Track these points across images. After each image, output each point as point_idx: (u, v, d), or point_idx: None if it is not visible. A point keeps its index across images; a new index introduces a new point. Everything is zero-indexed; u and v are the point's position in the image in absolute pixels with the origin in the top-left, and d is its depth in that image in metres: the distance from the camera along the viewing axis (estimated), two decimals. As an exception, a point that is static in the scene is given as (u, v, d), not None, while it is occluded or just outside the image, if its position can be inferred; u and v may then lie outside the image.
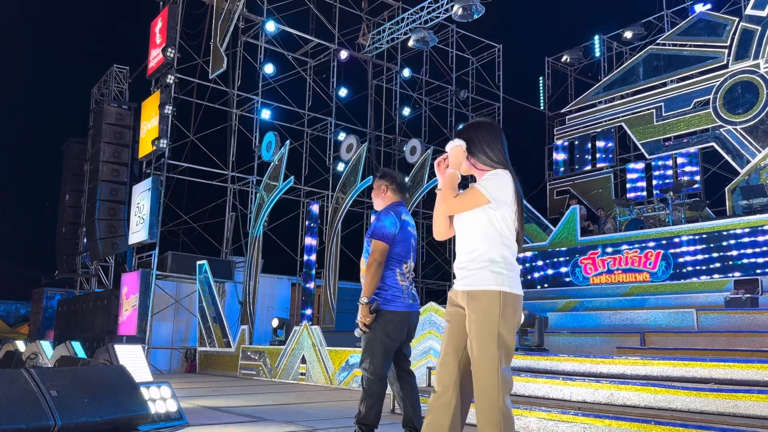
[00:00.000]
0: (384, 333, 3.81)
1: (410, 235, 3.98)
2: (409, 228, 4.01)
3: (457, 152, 2.71)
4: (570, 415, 4.42)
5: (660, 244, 10.09)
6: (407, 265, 3.94)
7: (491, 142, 2.75)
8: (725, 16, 14.10)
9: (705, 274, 9.49)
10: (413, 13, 15.63)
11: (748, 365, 4.69)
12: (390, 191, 4.08)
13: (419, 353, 7.82)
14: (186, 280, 13.30)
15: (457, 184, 2.69)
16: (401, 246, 3.91)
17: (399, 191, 4.09)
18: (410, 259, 3.98)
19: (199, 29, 14.12)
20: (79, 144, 17.41)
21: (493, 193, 2.63)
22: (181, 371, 12.76)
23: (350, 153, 14.42)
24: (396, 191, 4.08)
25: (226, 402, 6.77)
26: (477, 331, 2.59)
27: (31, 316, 20.58)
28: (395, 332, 3.83)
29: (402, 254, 3.92)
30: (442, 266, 18.34)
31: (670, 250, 9.96)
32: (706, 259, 9.53)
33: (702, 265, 9.57)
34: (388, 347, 3.83)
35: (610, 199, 15.45)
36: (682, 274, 9.73)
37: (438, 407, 2.69)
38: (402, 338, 3.89)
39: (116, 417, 4.10)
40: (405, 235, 3.93)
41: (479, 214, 2.67)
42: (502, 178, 2.66)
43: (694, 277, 9.59)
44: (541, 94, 19.30)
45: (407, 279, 3.93)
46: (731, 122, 13.36)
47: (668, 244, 10.00)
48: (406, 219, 3.99)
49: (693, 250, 9.69)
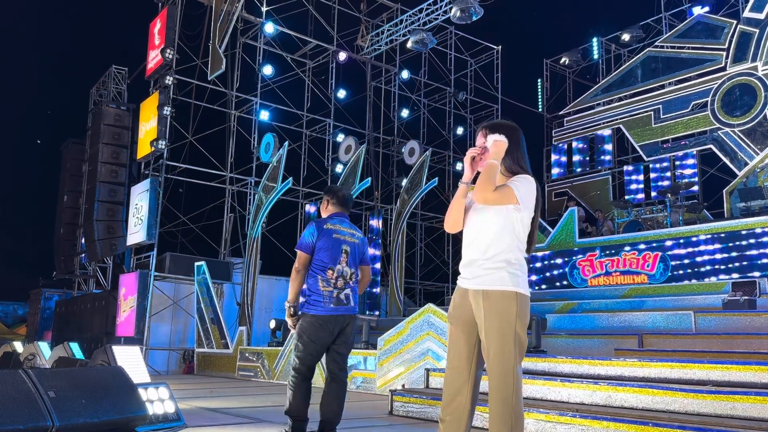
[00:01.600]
0: (304, 334, 4.12)
1: (339, 242, 4.23)
2: (338, 236, 4.25)
3: (501, 147, 2.71)
4: (568, 417, 4.43)
5: (658, 246, 10.10)
6: (332, 271, 4.18)
7: (520, 147, 2.80)
8: (723, 18, 14.13)
9: (703, 277, 9.50)
10: (412, 15, 15.65)
11: (745, 367, 4.70)
12: (330, 205, 4.43)
13: (417, 355, 7.83)
14: (184, 281, 13.29)
15: (496, 176, 2.68)
16: (324, 254, 4.17)
17: (339, 205, 4.41)
18: (339, 264, 4.21)
19: (197, 30, 14.13)
20: (77, 145, 17.40)
21: (522, 196, 2.67)
22: (179, 372, 12.74)
23: (349, 154, 14.43)
24: (336, 205, 4.41)
25: (223, 403, 6.76)
26: (495, 331, 2.61)
27: (29, 317, 20.55)
28: (314, 334, 4.10)
29: (326, 261, 4.18)
30: (440, 268, 18.34)
31: (668, 252, 9.97)
32: (704, 261, 9.54)
33: (700, 267, 9.59)
34: (308, 347, 4.11)
35: (608, 201, 15.46)
36: (680, 276, 9.74)
37: (452, 413, 2.69)
38: (327, 339, 4.15)
39: (114, 418, 4.10)
40: (329, 243, 4.19)
41: (501, 214, 2.69)
42: (531, 184, 2.72)
43: (692, 280, 9.60)
44: (540, 96, 19.33)
45: (332, 284, 4.17)
46: (729, 124, 13.38)
47: (666, 246, 10.02)
48: (333, 228, 4.26)
49: (691, 252, 9.71)
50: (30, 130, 26.90)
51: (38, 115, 26.82)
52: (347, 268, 4.24)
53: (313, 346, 4.12)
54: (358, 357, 8.72)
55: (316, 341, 4.12)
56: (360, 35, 16.88)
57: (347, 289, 4.23)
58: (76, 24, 26.30)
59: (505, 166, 2.78)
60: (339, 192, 4.46)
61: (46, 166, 23.33)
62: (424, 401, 5.58)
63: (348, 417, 5.81)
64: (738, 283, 8.43)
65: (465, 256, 2.79)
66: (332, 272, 4.19)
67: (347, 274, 4.24)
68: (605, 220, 13.25)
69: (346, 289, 4.22)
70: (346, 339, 4.23)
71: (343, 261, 4.23)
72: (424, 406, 5.57)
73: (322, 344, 4.15)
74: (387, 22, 16.63)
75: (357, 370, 8.67)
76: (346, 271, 4.24)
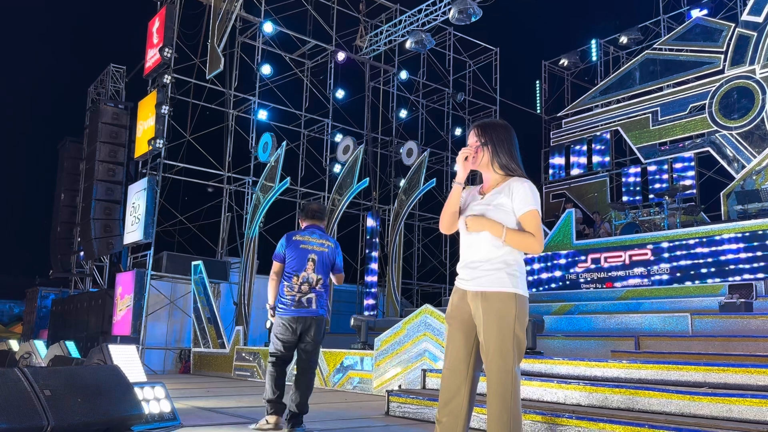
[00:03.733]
0: (274, 332, 4.82)
1: (305, 252, 4.82)
2: (305, 246, 4.84)
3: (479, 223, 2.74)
4: (564, 419, 4.43)
5: (655, 249, 10.12)
6: (297, 278, 4.76)
7: (512, 147, 2.80)
8: (721, 21, 14.16)
9: (700, 279, 9.52)
10: (411, 16, 15.65)
11: (742, 369, 4.71)
12: (302, 220, 5.10)
13: (414, 355, 7.83)
14: (181, 280, 13.27)
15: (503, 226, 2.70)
16: (292, 262, 4.79)
17: (309, 218, 5.04)
18: (305, 271, 4.78)
19: (196, 29, 14.11)
20: (74, 143, 17.37)
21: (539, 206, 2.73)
22: (175, 372, 12.72)
23: (347, 155, 14.42)
24: (306, 219, 5.06)
25: (220, 403, 6.75)
26: (494, 332, 2.61)
27: (25, 315, 20.50)
28: (281, 332, 4.76)
29: (294, 268, 4.78)
30: (438, 269, 18.34)
31: (665, 254, 9.99)
32: (701, 263, 9.56)
33: (697, 270, 9.60)
34: (275, 343, 4.80)
35: (605, 203, 15.48)
36: (677, 279, 9.76)
37: (449, 414, 2.69)
38: (291, 338, 4.76)
39: (110, 417, 4.08)
40: (296, 253, 4.80)
41: (504, 218, 2.69)
42: (535, 190, 2.74)
43: (689, 282, 9.61)
44: (538, 98, 19.34)
45: (296, 290, 4.75)
46: (727, 127, 13.41)
47: (663, 248, 10.03)
48: (301, 239, 4.86)
49: (688, 254, 9.72)
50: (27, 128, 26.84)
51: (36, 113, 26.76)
52: (313, 275, 4.79)
53: (280, 342, 4.77)
54: (354, 357, 8.71)
55: (281, 339, 4.77)
56: (359, 35, 16.87)
57: (311, 293, 4.77)
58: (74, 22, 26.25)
59: (500, 164, 2.78)
60: (309, 207, 5.11)
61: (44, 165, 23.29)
62: (421, 402, 5.58)
63: (344, 417, 5.81)
64: (735, 286, 8.45)
65: (463, 258, 2.79)
66: (297, 279, 4.76)
67: (313, 280, 4.79)
68: (602, 222, 13.27)
69: (310, 293, 4.77)
70: (311, 338, 4.78)
71: (309, 268, 4.79)
72: (420, 406, 5.57)
73: (287, 341, 4.76)
74: (386, 23, 16.63)
75: (354, 371, 8.67)
76: (312, 277, 4.78)
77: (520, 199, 2.68)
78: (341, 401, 7.24)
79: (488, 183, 2.81)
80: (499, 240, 2.66)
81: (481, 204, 2.75)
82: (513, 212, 2.69)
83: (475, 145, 2.78)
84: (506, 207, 2.69)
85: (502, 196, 2.71)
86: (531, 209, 2.67)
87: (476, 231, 2.71)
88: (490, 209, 2.71)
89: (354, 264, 16.38)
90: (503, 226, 2.66)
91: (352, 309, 15.32)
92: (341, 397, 7.68)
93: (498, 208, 2.69)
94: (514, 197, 2.69)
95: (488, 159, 2.78)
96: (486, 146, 2.78)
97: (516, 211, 2.68)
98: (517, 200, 2.68)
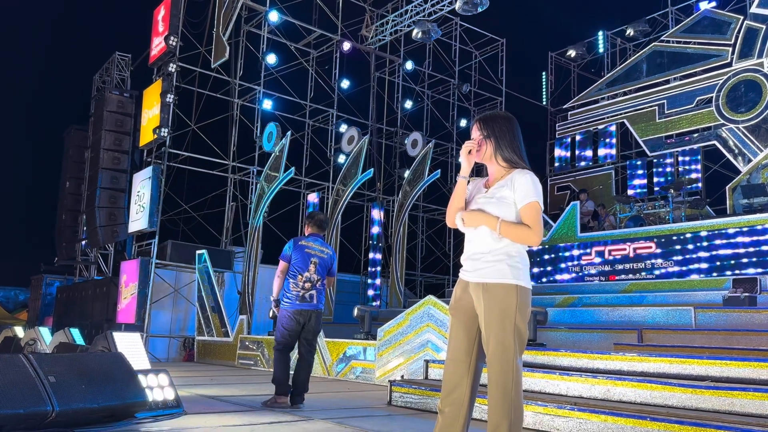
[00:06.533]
0: (279, 322, 5.59)
1: (309, 255, 5.62)
2: (309, 250, 5.63)
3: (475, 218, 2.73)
4: (566, 410, 4.44)
5: (660, 242, 10.09)
6: (302, 277, 5.55)
7: (515, 139, 2.80)
8: (730, 14, 14.05)
9: (704, 273, 9.50)
10: (417, 6, 15.57)
11: (745, 363, 4.71)
12: (309, 227, 5.86)
13: (417, 346, 7.85)
14: (185, 269, 13.31)
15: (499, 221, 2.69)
16: (297, 263, 5.58)
17: (314, 227, 5.83)
18: (308, 272, 5.57)
19: (201, 18, 14.06)
20: (80, 131, 17.37)
21: (540, 198, 2.72)
22: (179, 360, 12.79)
23: (351, 145, 14.40)
24: (312, 227, 5.84)
25: (223, 391, 6.79)
26: (495, 323, 2.61)
27: (30, 302, 20.58)
28: (285, 323, 5.54)
29: (299, 267, 5.57)
30: (441, 260, 18.35)
31: (670, 247, 9.96)
32: (706, 257, 9.54)
33: (701, 263, 9.58)
34: (282, 332, 5.57)
35: (610, 195, 15.44)
36: (681, 272, 9.74)
37: (451, 404, 2.70)
38: (296, 328, 5.55)
39: (114, 404, 4.11)
40: (301, 256, 5.59)
41: (503, 208, 2.70)
42: (537, 181, 2.73)
43: (693, 275, 9.59)
44: (544, 90, 19.25)
45: (300, 286, 5.54)
46: (733, 121, 13.33)
47: (668, 241, 10.00)
48: (305, 244, 5.66)
49: (692, 248, 9.70)
50: (33, 116, 26.86)
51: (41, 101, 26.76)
52: (315, 275, 5.62)
53: (285, 331, 5.56)
54: (357, 347, 8.74)
55: (287, 328, 5.55)
56: (364, 25, 16.80)
57: (313, 290, 5.60)
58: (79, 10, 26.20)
59: (503, 157, 2.78)
60: (315, 217, 5.89)
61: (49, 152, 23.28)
62: (424, 392, 5.60)
63: (347, 407, 5.84)
64: (739, 280, 8.43)
65: (467, 249, 2.80)
66: (302, 277, 5.56)
67: (314, 279, 5.61)
68: (607, 215, 13.24)
69: (312, 290, 5.59)
70: (311, 328, 5.59)
71: (312, 269, 5.61)
72: (423, 396, 5.59)
73: (291, 330, 5.55)
74: (392, 12, 16.55)
75: (356, 361, 8.70)
76: (313, 277, 5.61)
77: (521, 190, 2.69)
78: (344, 390, 7.27)
79: (493, 176, 2.83)
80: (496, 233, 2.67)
81: (485, 197, 2.76)
82: (515, 204, 2.70)
83: (478, 139, 2.80)
84: (509, 199, 2.70)
85: (505, 188, 2.72)
86: (531, 201, 2.68)
87: (473, 227, 2.73)
88: (492, 202, 2.72)
89: (358, 254, 16.40)
90: (498, 219, 2.66)
91: (355, 299, 15.35)
92: (344, 387, 7.71)
93: (500, 201, 2.70)
94: (516, 189, 2.70)
95: (491, 152, 2.79)
96: (489, 139, 2.79)
97: (517, 202, 2.69)
98: (519, 192, 2.69)
